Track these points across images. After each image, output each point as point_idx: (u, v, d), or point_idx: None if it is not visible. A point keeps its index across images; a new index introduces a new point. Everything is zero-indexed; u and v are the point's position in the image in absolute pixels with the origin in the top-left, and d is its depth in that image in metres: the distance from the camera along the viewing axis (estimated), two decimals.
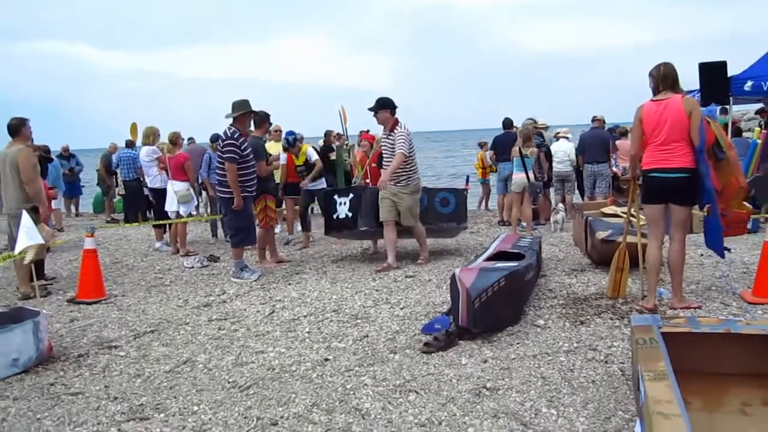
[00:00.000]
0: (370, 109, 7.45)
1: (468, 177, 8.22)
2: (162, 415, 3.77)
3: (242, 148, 7.17)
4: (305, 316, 5.67)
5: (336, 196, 8.06)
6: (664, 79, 5.16)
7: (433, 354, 4.53)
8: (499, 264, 5.51)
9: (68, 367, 4.69)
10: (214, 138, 11.01)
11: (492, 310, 4.79)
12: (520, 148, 9.79)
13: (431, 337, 4.75)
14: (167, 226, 9.91)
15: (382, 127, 7.70)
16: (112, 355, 4.94)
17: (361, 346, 4.82)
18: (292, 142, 9.71)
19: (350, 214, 7.85)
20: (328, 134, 13.37)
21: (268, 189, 8.14)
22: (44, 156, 11.25)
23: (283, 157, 9.69)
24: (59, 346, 5.15)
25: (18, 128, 7.00)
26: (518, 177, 9.84)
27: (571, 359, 4.33)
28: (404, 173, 7.43)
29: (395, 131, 7.37)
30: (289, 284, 7.04)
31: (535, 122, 11.14)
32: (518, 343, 4.69)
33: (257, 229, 7.97)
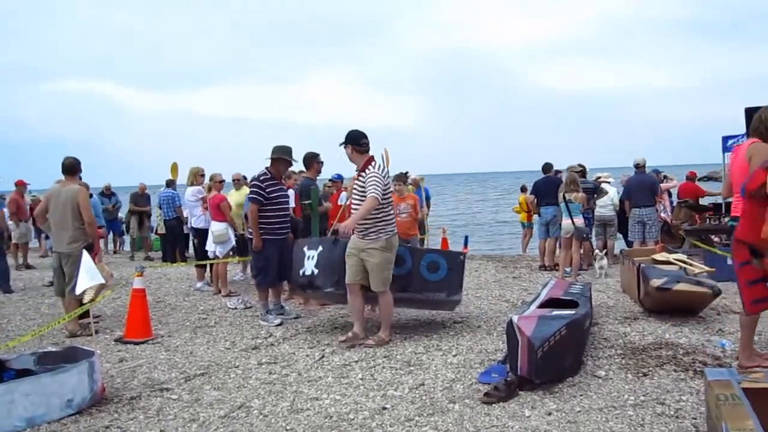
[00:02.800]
0: (340, 144, 6.26)
1: (467, 238, 7.36)
2: None
3: (267, 190, 7.17)
4: (356, 362, 5.57)
5: (306, 248, 6.76)
6: (752, 123, 5.07)
7: (494, 404, 4.39)
8: (556, 312, 5.38)
9: (122, 410, 4.63)
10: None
11: (554, 360, 4.66)
12: (564, 194, 9.70)
13: (490, 386, 4.62)
14: (209, 267, 9.93)
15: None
16: (164, 397, 4.87)
17: (418, 394, 4.70)
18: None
19: (316, 271, 6.51)
20: None
21: (320, 229, 8.09)
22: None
23: (344, 197, 9.73)
24: (111, 387, 5.11)
25: (74, 167, 7.14)
26: (565, 223, 9.76)
27: (640, 413, 4.17)
28: (375, 224, 5.99)
29: (366, 172, 6.05)
30: (335, 327, 6.96)
31: (578, 167, 11.05)
32: (581, 395, 4.54)
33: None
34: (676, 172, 16.16)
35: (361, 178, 6.10)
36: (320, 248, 6.57)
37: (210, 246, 9.39)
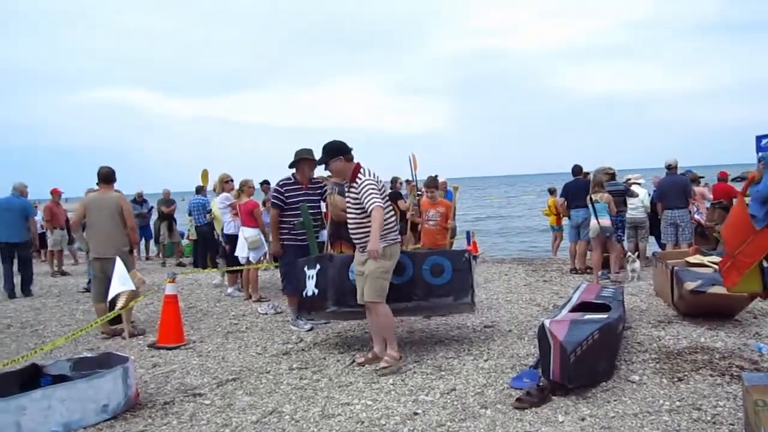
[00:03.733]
0: (320, 162, 5.77)
1: (469, 233, 6.88)
2: None
3: (287, 195, 7.19)
4: (387, 366, 5.56)
5: (306, 268, 6.29)
6: None
7: (526, 410, 4.35)
8: (589, 316, 5.31)
9: (156, 415, 4.68)
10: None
11: (587, 365, 4.60)
12: (590, 195, 9.74)
13: (522, 391, 4.58)
14: (240, 272, 10.01)
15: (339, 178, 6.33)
16: (197, 403, 4.91)
17: (450, 399, 4.67)
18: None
19: (316, 291, 6.05)
20: (394, 181, 13.39)
21: (345, 235, 8.10)
22: None
23: None
24: (144, 392, 5.16)
25: (110, 176, 7.34)
26: (592, 223, 9.81)
27: (676, 419, 4.10)
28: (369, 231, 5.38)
29: (358, 180, 5.46)
30: (366, 332, 6.95)
31: (608, 170, 10.96)
32: (615, 401, 4.48)
33: None
34: (707, 173, 15.90)
35: (353, 189, 5.49)
36: (318, 267, 6.11)
37: (241, 252, 9.46)
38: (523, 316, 7.42)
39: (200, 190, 13.40)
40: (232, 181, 10.30)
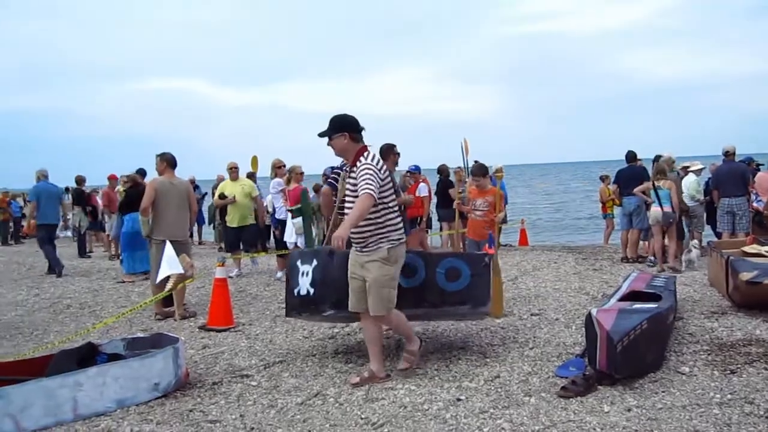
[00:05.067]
0: (322, 135, 4.90)
1: (491, 235, 6.42)
2: None
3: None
4: (432, 353, 5.57)
5: (299, 262, 5.53)
6: None
7: (571, 399, 4.31)
8: (638, 305, 5.21)
9: (204, 394, 4.81)
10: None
11: (634, 355, 4.52)
12: (653, 181, 9.69)
13: (568, 380, 4.54)
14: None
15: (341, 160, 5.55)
16: (244, 383, 5.02)
17: (494, 386, 4.66)
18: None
19: (312, 290, 5.30)
20: (442, 170, 13.31)
21: None
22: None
23: (424, 188, 9.74)
24: (194, 373, 5.30)
25: (176, 161, 7.58)
26: (654, 210, 9.71)
27: (726, 413, 4.00)
28: (375, 231, 4.68)
29: (358, 164, 4.71)
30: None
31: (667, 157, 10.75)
32: (663, 392, 4.39)
33: None
34: (765, 160, 15.33)
35: (353, 175, 4.75)
36: (315, 262, 5.35)
37: (289, 237, 9.58)
38: (571, 304, 7.33)
39: (251, 176, 13.60)
40: (284, 166, 10.44)
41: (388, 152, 8.37)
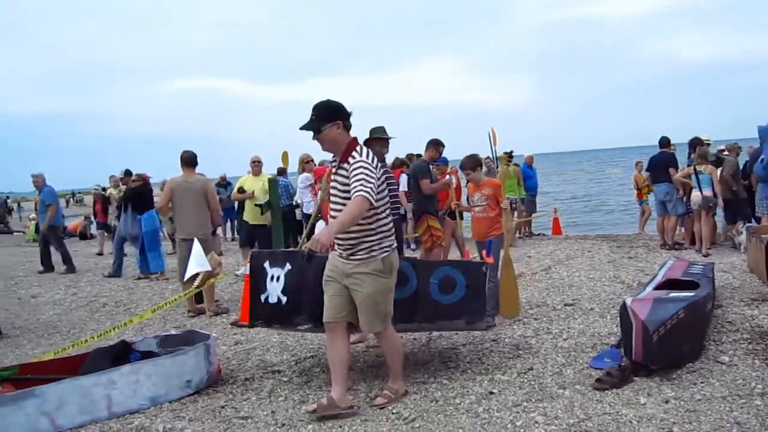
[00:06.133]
0: (307, 127, 4.15)
1: (490, 242, 6.03)
2: None
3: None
4: (463, 345, 5.52)
5: (267, 265, 4.90)
6: None
7: (606, 391, 4.21)
8: (674, 294, 5.09)
9: (236, 390, 4.82)
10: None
11: (671, 345, 4.41)
12: (695, 166, 9.69)
13: (603, 372, 4.44)
14: None
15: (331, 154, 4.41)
16: (276, 379, 5.03)
17: (527, 379, 4.59)
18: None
19: (284, 299, 4.75)
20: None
21: (431, 209, 8.04)
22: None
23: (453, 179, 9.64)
24: (226, 369, 5.33)
25: (193, 160, 7.59)
26: (695, 195, 9.69)
27: None
28: (365, 237, 4.07)
29: (350, 160, 4.05)
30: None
31: (701, 140, 10.53)
32: (702, 383, 4.27)
33: (420, 251, 7.97)
34: None
35: (343, 171, 4.09)
36: (288, 266, 4.76)
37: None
38: (606, 293, 7.20)
39: (282, 171, 13.64)
40: (312, 161, 10.44)
41: (431, 146, 8.33)
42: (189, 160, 7.61)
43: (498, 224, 6.52)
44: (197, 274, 5.62)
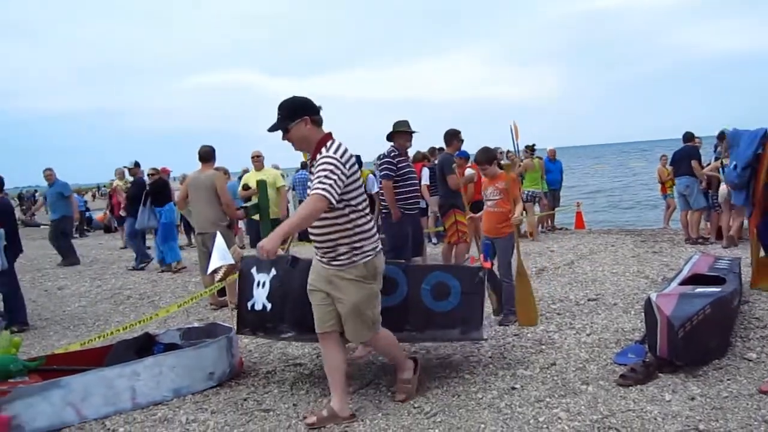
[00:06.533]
0: (275, 128, 3.92)
1: (487, 247, 5.32)
2: None
3: (399, 165, 7.14)
4: (486, 340, 5.48)
5: (255, 270, 4.74)
6: None
7: (630, 387, 4.17)
8: (700, 289, 5.01)
9: (258, 383, 4.84)
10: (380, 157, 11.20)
11: (697, 341, 4.34)
12: (721, 160, 9.64)
13: (627, 367, 4.39)
14: None
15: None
16: (297, 372, 5.05)
17: (550, 374, 4.56)
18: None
19: (269, 306, 4.54)
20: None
21: (458, 204, 8.01)
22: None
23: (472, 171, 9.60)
24: (248, 361, 5.36)
25: (209, 154, 7.61)
26: (722, 188, 9.67)
27: None
28: (340, 239, 3.81)
29: (318, 156, 3.80)
30: None
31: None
32: (729, 380, 4.21)
33: (443, 245, 7.96)
34: None
35: (314, 168, 3.80)
36: (273, 271, 4.58)
37: None
38: (630, 288, 7.12)
39: (305, 165, 13.69)
40: None
41: (452, 138, 8.30)
42: (205, 155, 7.66)
43: (509, 221, 6.13)
44: (220, 267, 5.64)
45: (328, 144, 3.80)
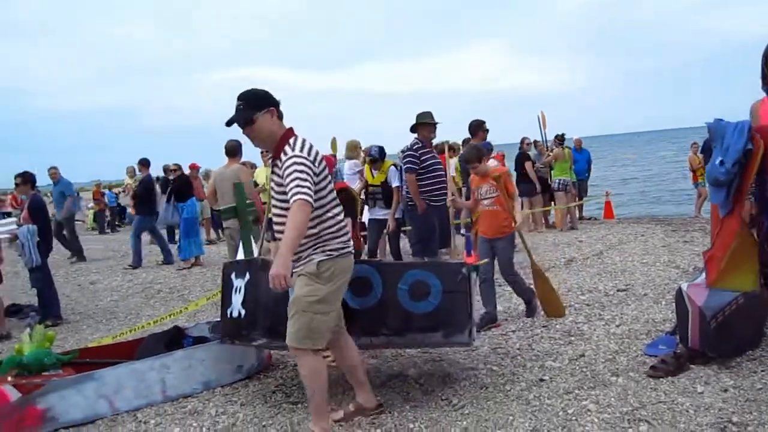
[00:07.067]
0: (234, 121, 3.61)
1: (470, 241, 5.50)
2: (379, 430, 3.76)
3: (422, 158, 7.10)
4: (513, 332, 5.46)
5: (234, 276, 4.47)
6: None
7: (661, 379, 4.12)
8: None
9: (287, 376, 4.87)
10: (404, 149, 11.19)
11: (730, 332, 4.27)
12: None
13: (657, 359, 4.34)
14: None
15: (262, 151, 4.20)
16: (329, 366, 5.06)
17: (579, 366, 4.52)
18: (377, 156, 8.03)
19: (243, 312, 4.27)
20: (521, 142, 13.07)
21: None
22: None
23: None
24: (277, 354, 5.38)
25: (235, 149, 7.68)
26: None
27: None
28: (306, 238, 3.47)
29: (282, 156, 3.49)
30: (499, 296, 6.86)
31: None
32: (763, 371, 4.13)
33: (473, 235, 7.91)
34: None
35: (278, 168, 3.55)
36: (248, 276, 4.29)
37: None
38: (660, 279, 7.02)
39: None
40: (360, 147, 10.46)
41: (477, 129, 8.25)
42: (231, 150, 7.74)
43: (510, 219, 5.73)
44: None
45: (292, 141, 3.51)
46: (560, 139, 13.21)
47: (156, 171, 17.52)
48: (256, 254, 5.63)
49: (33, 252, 7.08)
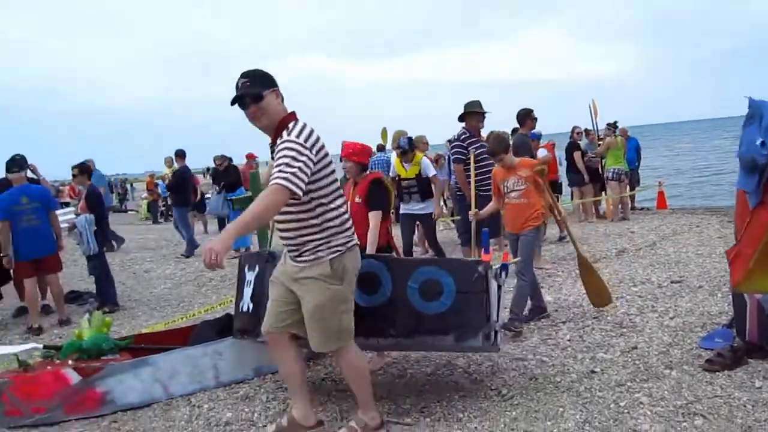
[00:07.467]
0: (239, 99, 3.32)
1: (487, 234, 4.52)
2: (428, 419, 3.78)
3: (470, 148, 7.04)
4: (564, 323, 5.41)
5: (246, 268, 4.43)
6: None
7: (717, 372, 4.02)
8: None
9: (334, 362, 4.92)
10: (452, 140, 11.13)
11: None
12: None
13: (713, 352, 4.23)
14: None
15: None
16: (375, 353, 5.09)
17: (631, 358, 4.45)
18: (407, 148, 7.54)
19: (251, 306, 4.23)
20: (572, 131, 12.87)
21: None
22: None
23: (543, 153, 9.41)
24: None
25: None
26: None
27: None
28: (309, 235, 3.31)
29: (280, 139, 3.27)
30: (542, 287, 6.75)
31: None
32: None
33: None
34: None
35: (275, 153, 3.31)
36: (257, 269, 4.23)
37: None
38: (716, 270, 6.84)
39: (381, 148, 13.73)
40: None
41: (526, 117, 8.16)
42: None
43: (537, 214, 5.43)
44: None
45: (291, 125, 3.27)
46: (613, 126, 12.96)
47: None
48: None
49: (90, 240, 7.31)
